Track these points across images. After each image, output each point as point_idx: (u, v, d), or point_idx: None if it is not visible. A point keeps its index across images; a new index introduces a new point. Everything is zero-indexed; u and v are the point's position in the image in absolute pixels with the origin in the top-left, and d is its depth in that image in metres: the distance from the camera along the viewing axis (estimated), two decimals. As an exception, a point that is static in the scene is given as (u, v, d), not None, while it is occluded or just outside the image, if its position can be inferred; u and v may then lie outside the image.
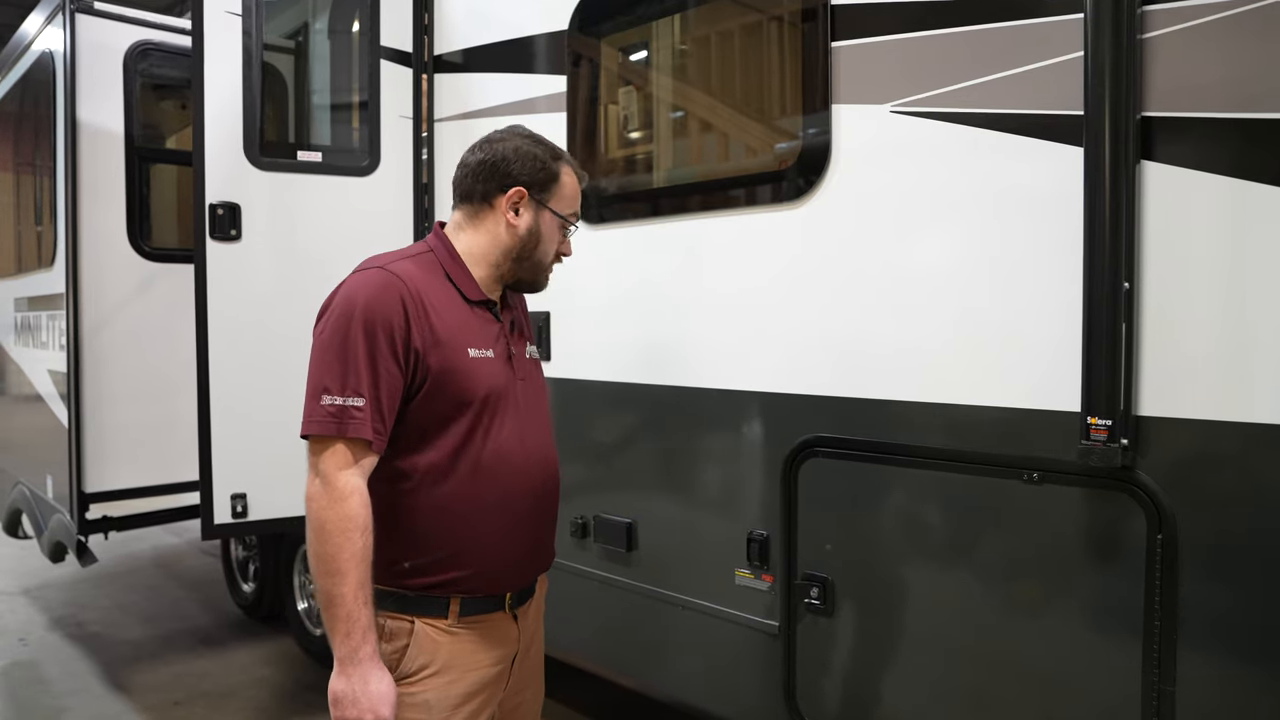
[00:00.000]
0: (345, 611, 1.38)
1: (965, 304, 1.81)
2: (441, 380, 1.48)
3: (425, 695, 1.50)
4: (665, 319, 2.38)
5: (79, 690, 3.65)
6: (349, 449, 1.41)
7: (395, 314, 1.44)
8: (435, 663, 1.51)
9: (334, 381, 1.42)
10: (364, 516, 1.40)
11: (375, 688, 1.40)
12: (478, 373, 1.51)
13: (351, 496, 1.40)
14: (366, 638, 1.39)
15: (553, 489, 1.66)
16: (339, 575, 1.37)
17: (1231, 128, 1.50)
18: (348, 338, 1.43)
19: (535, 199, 1.59)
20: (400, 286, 1.46)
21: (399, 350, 1.44)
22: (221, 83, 2.75)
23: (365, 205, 2.99)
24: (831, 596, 2.03)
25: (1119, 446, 1.56)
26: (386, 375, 1.43)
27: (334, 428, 1.41)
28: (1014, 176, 1.74)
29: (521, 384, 1.60)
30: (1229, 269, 1.51)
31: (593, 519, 2.54)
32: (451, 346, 1.49)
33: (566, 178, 1.63)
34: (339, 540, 1.38)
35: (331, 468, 1.41)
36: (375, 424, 1.43)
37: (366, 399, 1.41)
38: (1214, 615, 1.54)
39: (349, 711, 1.39)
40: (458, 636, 1.53)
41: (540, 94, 2.70)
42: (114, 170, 3.63)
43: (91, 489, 3.57)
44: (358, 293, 1.46)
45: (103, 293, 3.60)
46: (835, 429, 2.02)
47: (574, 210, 1.66)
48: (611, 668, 2.63)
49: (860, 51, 1.94)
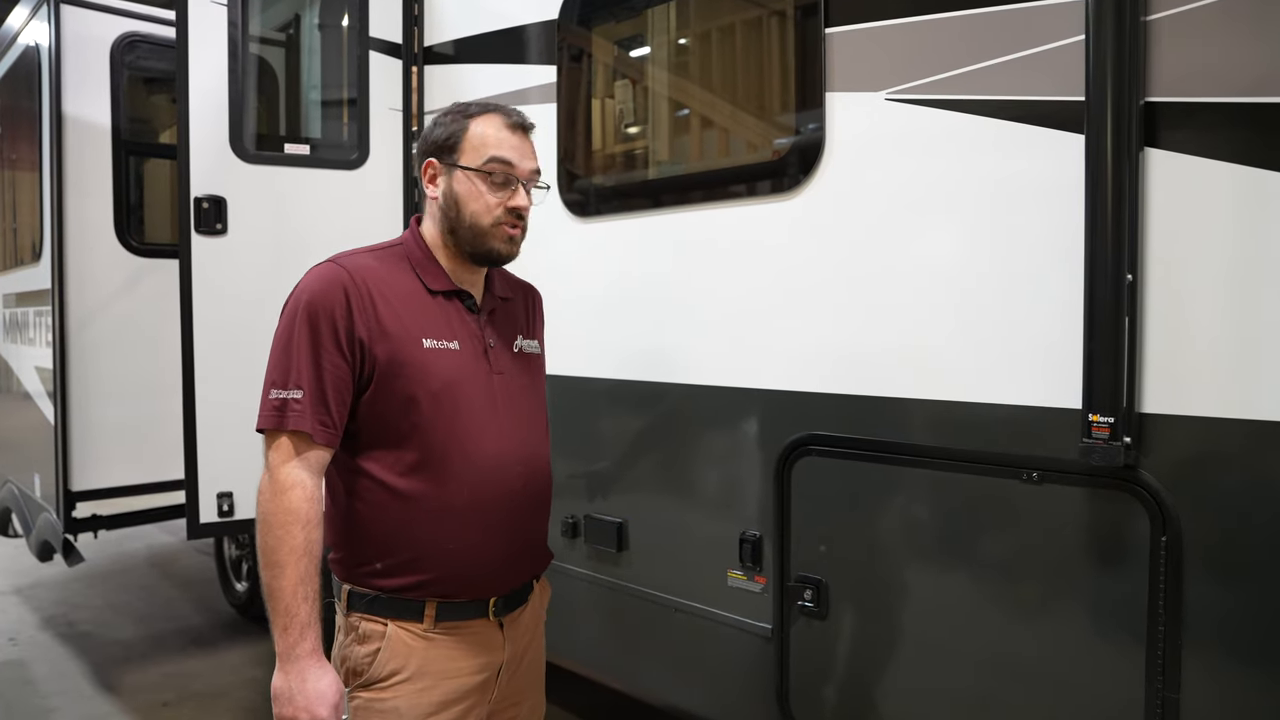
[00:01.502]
0: (283, 606, 1.36)
1: (963, 297, 1.76)
2: (390, 372, 1.44)
3: (395, 702, 1.45)
4: (656, 314, 2.33)
5: (68, 691, 3.62)
6: (292, 442, 1.40)
7: (337, 305, 1.42)
8: (407, 669, 1.46)
9: (279, 375, 1.42)
10: (306, 511, 1.38)
11: (313, 686, 1.35)
12: (433, 365, 1.46)
13: (292, 490, 1.38)
14: (305, 634, 1.36)
15: (538, 490, 1.59)
16: (278, 568, 1.36)
17: (1239, 113, 1.44)
18: (292, 332, 1.43)
19: (446, 164, 1.52)
20: (344, 278, 1.44)
21: (342, 342, 1.42)
22: (206, 74, 2.70)
23: (354, 199, 2.94)
24: (825, 599, 1.98)
25: (1121, 445, 1.51)
26: (331, 368, 1.41)
27: (275, 420, 1.41)
28: (1012, 165, 1.68)
29: (499, 378, 1.53)
30: (1236, 260, 1.45)
31: (583, 519, 2.50)
32: (401, 338, 1.45)
33: (477, 128, 1.51)
34: (279, 533, 1.37)
35: (275, 461, 1.41)
36: (319, 417, 1.40)
37: (306, 391, 1.40)
38: (1219, 619, 1.48)
39: (285, 709, 1.36)
40: (434, 642, 1.48)
41: (532, 84, 2.65)
42: (100, 164, 3.59)
43: (78, 487, 3.53)
44: (305, 287, 1.46)
45: (89, 288, 3.56)
46: (829, 427, 1.97)
47: (491, 155, 1.49)
48: (602, 671, 2.58)
49: (855, 38, 1.89)
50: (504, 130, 1.51)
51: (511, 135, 1.52)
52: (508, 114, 1.54)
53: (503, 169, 1.50)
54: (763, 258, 2.09)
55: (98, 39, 3.60)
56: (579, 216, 2.52)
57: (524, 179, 1.52)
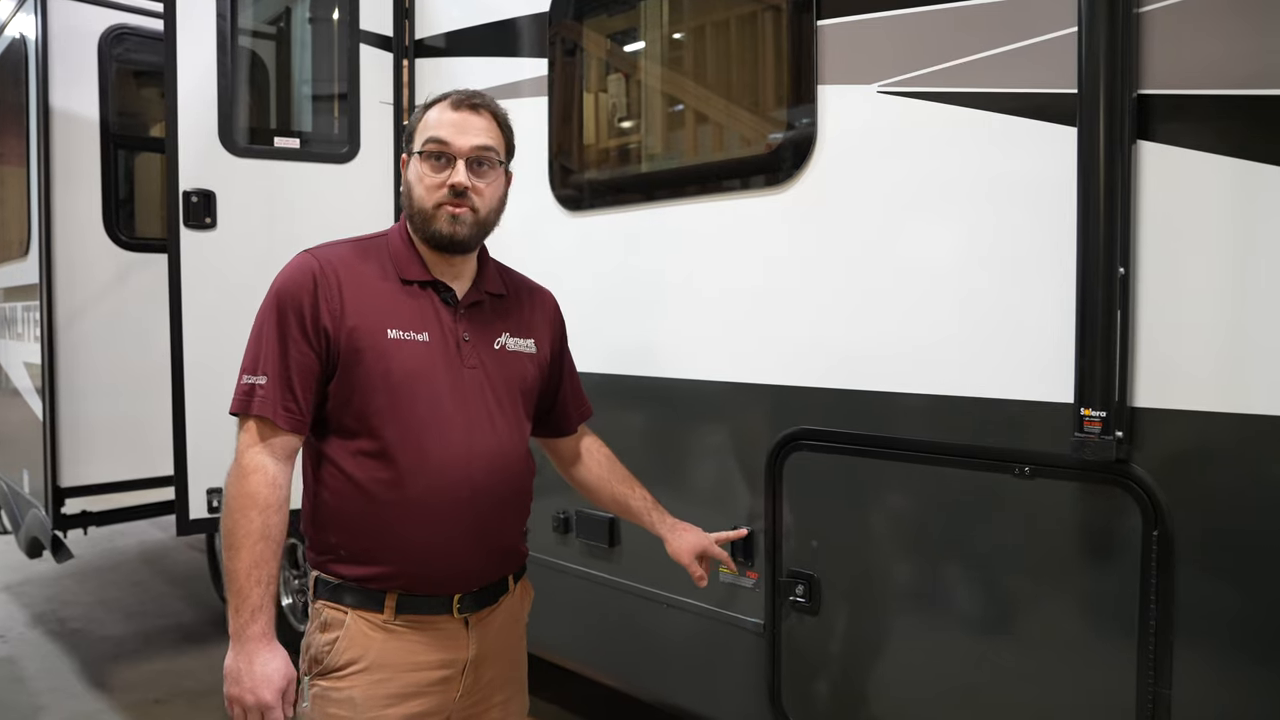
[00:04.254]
0: (237, 587, 1.38)
1: (955, 291, 1.75)
2: (351, 360, 1.45)
3: (350, 692, 1.44)
4: (648, 308, 2.32)
5: (57, 688, 3.59)
6: (259, 427, 1.43)
7: (305, 293, 1.44)
8: (365, 659, 1.45)
9: (249, 361, 1.46)
10: (266, 495, 1.40)
11: (260, 669, 1.36)
12: (395, 355, 1.46)
13: (254, 474, 1.41)
14: (255, 617, 1.37)
15: (508, 489, 1.55)
16: (234, 550, 1.39)
17: (1231, 105, 1.43)
18: (264, 319, 1.46)
19: (407, 153, 1.54)
20: (314, 266, 1.47)
21: (308, 328, 1.44)
22: (195, 67, 2.68)
23: (345, 193, 2.92)
24: (817, 594, 1.97)
25: (1113, 439, 1.50)
26: (297, 354, 1.44)
27: (243, 405, 1.44)
28: (1006, 158, 1.67)
29: (473, 373, 1.51)
30: (1229, 254, 1.45)
31: (574, 514, 2.49)
32: (364, 328, 1.45)
33: (432, 114, 1.50)
34: (237, 516, 1.40)
35: (242, 445, 1.44)
36: (284, 402, 1.43)
37: (270, 377, 1.43)
38: (1212, 615, 1.48)
39: (232, 689, 1.38)
40: (394, 634, 1.47)
41: (524, 78, 2.63)
42: (89, 158, 3.56)
43: (67, 483, 3.51)
44: (279, 276, 1.49)
45: (78, 283, 3.53)
46: (821, 421, 1.96)
47: (430, 136, 1.47)
48: (593, 666, 2.58)
49: (847, 30, 1.88)
50: (446, 111, 1.49)
51: (454, 114, 1.49)
52: (458, 95, 1.51)
53: (437, 147, 1.47)
54: (754, 252, 2.08)
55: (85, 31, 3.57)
56: (570, 210, 2.51)
57: (462, 155, 1.48)
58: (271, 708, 1.37)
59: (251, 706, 1.36)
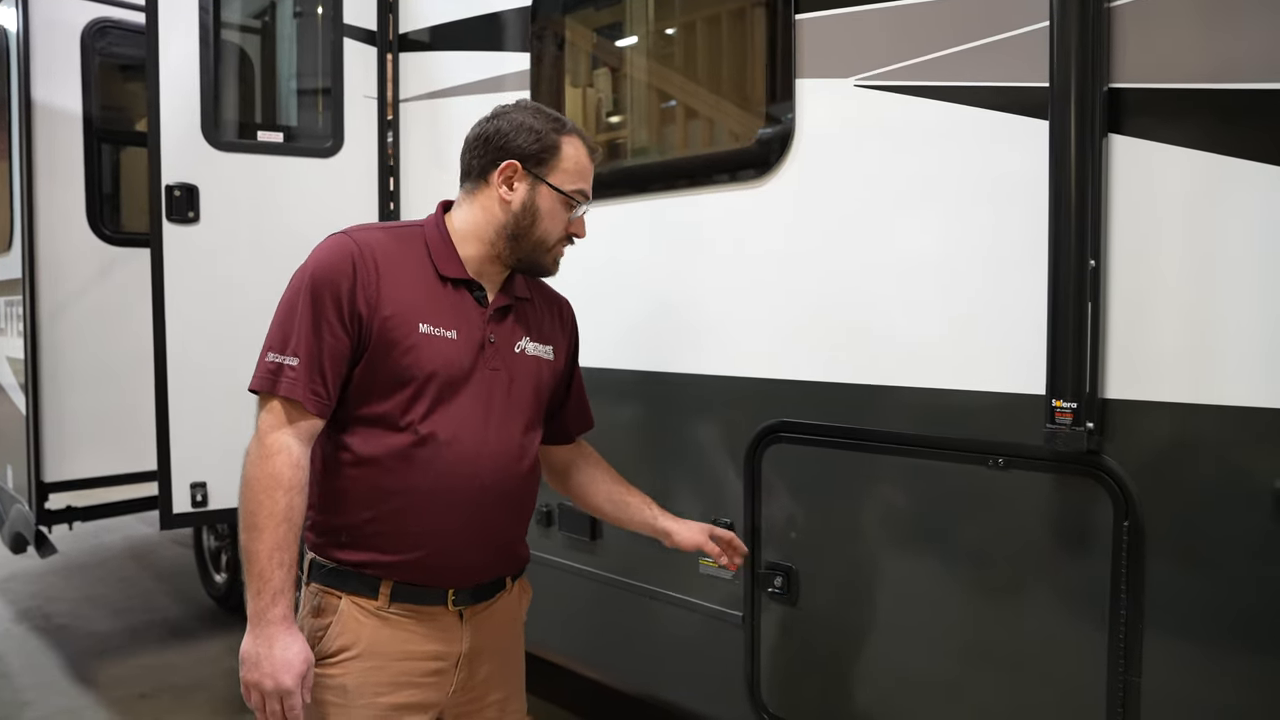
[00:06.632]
0: (258, 569, 1.36)
1: (931, 283, 1.76)
2: (381, 349, 1.44)
3: (344, 679, 1.45)
4: (627, 301, 2.32)
5: (42, 684, 3.59)
6: (284, 408, 1.41)
7: (343, 277, 1.43)
8: (357, 645, 1.45)
9: (278, 340, 1.43)
10: (290, 477, 1.39)
11: (280, 654, 1.35)
12: (424, 349, 1.45)
13: (278, 455, 1.39)
14: (277, 600, 1.36)
15: (514, 491, 1.56)
16: (255, 531, 1.37)
17: (1202, 99, 1.44)
18: (296, 299, 1.44)
19: (531, 173, 1.51)
20: (353, 250, 1.45)
21: (344, 313, 1.42)
22: (178, 60, 2.67)
23: (328, 187, 2.92)
24: (795, 585, 1.98)
25: (1084, 430, 1.51)
26: (330, 339, 1.42)
27: (269, 384, 1.41)
28: (979, 151, 1.68)
29: (494, 374, 1.52)
30: (1198, 246, 1.46)
31: (556, 507, 2.49)
32: (399, 318, 1.45)
33: (570, 149, 1.53)
34: (260, 497, 1.37)
35: (265, 425, 1.42)
36: (312, 386, 1.41)
37: (302, 360, 1.41)
38: (1182, 604, 1.49)
39: (250, 674, 1.36)
40: (388, 621, 1.47)
41: (508, 72, 2.63)
42: (72, 152, 3.55)
43: (51, 478, 3.50)
44: (314, 256, 1.47)
45: (61, 277, 3.52)
46: (799, 414, 1.97)
47: (579, 187, 1.55)
48: (576, 660, 2.58)
49: (825, 24, 1.88)
50: (587, 161, 1.57)
51: (591, 166, 1.58)
52: (589, 143, 1.59)
53: (584, 200, 1.57)
54: (733, 245, 2.08)
55: (67, 24, 3.55)
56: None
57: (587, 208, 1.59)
58: (292, 692, 1.35)
59: (271, 692, 1.35)
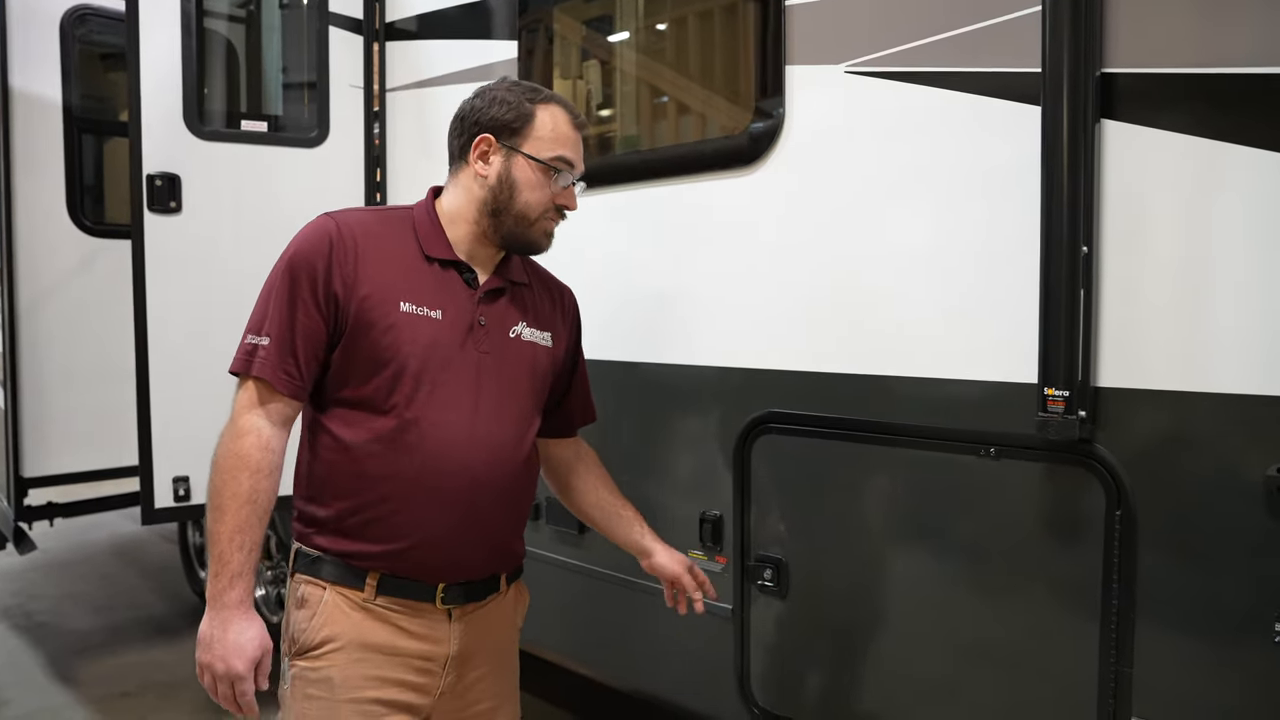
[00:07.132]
0: (218, 551, 1.35)
1: (922, 272, 1.74)
2: (360, 329, 1.41)
3: (328, 671, 1.41)
4: (616, 291, 2.30)
5: (21, 682, 3.53)
6: (258, 389, 1.40)
7: (319, 257, 1.41)
8: (341, 638, 1.42)
9: (254, 321, 1.43)
10: (257, 459, 1.37)
11: (234, 638, 1.33)
12: (405, 329, 1.42)
13: (247, 435, 1.38)
14: (234, 583, 1.34)
15: (507, 482, 1.50)
16: (218, 512, 1.35)
17: (1194, 84, 1.43)
18: (275, 280, 1.43)
19: (505, 145, 1.48)
20: (332, 230, 1.43)
21: (319, 294, 1.40)
22: (159, 48, 2.63)
23: (314, 177, 2.88)
24: (785, 578, 1.97)
25: (1076, 419, 1.50)
26: (304, 319, 1.40)
27: (243, 364, 1.41)
28: (971, 138, 1.66)
29: (484, 358, 1.48)
30: (1191, 232, 1.45)
31: (544, 500, 2.47)
32: (377, 297, 1.42)
33: (545, 117, 1.49)
34: (225, 477, 1.36)
35: (238, 405, 1.41)
36: (284, 366, 1.39)
37: (273, 340, 1.39)
38: (1173, 594, 1.48)
39: (203, 656, 1.35)
40: (373, 614, 1.44)
41: (495, 60, 2.60)
42: (51, 142, 3.49)
43: (30, 474, 3.44)
44: (296, 237, 1.46)
45: (40, 269, 3.46)
46: (788, 404, 1.95)
47: (558, 154, 1.49)
48: (566, 655, 2.56)
49: (815, 10, 1.86)
50: (569, 128, 1.52)
51: (575, 134, 1.53)
52: (571, 110, 1.54)
53: (565, 167, 1.51)
54: (722, 234, 2.06)
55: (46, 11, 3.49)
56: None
57: (577, 178, 1.54)
58: (242, 678, 1.33)
59: (221, 675, 1.33)
